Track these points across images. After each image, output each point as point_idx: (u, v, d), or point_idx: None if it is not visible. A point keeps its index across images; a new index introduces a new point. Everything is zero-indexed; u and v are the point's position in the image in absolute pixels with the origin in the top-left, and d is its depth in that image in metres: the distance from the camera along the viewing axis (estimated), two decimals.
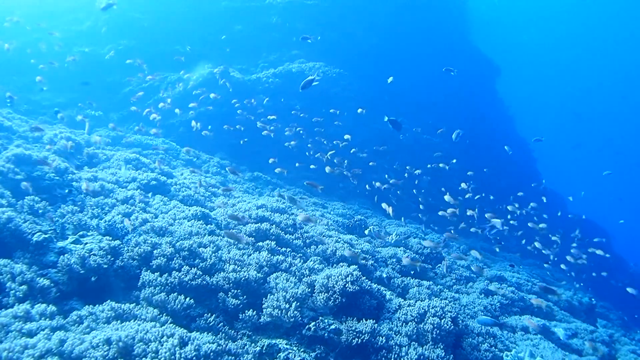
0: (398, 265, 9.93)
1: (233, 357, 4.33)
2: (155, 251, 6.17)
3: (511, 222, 14.89)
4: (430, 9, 29.40)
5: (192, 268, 6.03)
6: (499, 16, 51.17)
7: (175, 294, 5.55)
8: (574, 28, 58.60)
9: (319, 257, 8.31)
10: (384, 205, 10.75)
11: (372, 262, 8.99)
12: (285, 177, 19.35)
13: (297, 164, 16.50)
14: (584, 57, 69.10)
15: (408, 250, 10.86)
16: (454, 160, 16.50)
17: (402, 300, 7.28)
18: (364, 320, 5.94)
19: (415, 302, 6.79)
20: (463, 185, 14.63)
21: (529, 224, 13.07)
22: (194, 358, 3.93)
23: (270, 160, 15.74)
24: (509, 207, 13.95)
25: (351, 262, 8.45)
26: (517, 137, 30.87)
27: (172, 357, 3.86)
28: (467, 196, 14.69)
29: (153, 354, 3.86)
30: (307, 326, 5.76)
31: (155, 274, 5.83)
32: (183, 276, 5.85)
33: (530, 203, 15.51)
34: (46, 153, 10.45)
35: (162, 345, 3.97)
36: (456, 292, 10.37)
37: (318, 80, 9.67)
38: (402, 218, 11.52)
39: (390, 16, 27.62)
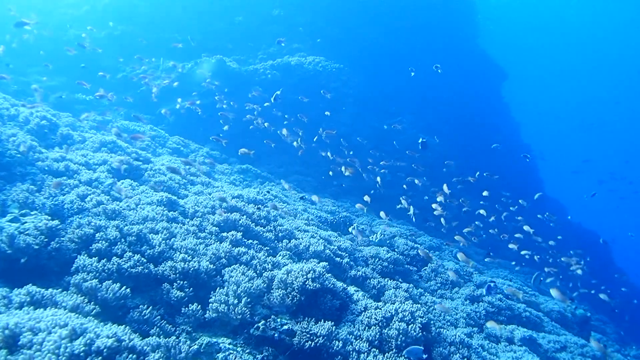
0: (379, 266, 9.35)
1: (136, 356, 3.73)
2: (97, 234, 5.62)
3: (502, 231, 14.28)
4: (437, 9, 28.72)
5: (136, 255, 5.47)
6: (508, 19, 50.37)
7: (110, 281, 4.98)
8: (585, 34, 57.66)
9: (289, 252, 7.75)
10: (365, 197, 10.19)
11: (348, 260, 8.39)
12: (276, 171, 18.81)
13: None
14: (595, 64, 68.01)
15: (391, 251, 10.24)
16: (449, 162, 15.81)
17: (373, 302, 6.68)
18: (322, 322, 5.36)
19: (384, 304, 6.19)
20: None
21: (525, 228, 12.49)
22: (82, 354, 3.36)
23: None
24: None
25: (324, 259, 7.89)
26: (522, 144, 30.12)
27: (57, 350, 3.30)
28: (461, 200, 14.05)
29: (37, 346, 3.30)
30: (256, 325, 5.18)
31: (93, 259, 5.28)
32: (123, 263, 5.29)
33: (518, 200, 14.92)
34: (15, 130, 9.93)
35: (49, 336, 3.41)
36: (439, 297, 9.77)
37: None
38: (382, 213, 10.88)
39: (394, 14, 26.98)
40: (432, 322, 7.49)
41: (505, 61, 36.09)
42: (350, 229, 11.32)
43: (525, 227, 12.44)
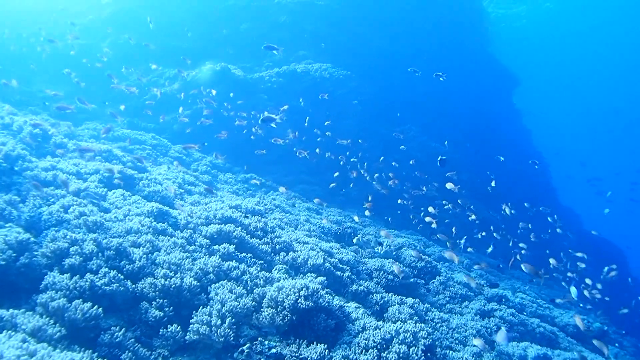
0: (384, 279, 8.83)
1: None
2: (72, 248, 5.19)
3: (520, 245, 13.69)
4: (447, 15, 28.25)
5: (112, 271, 5.03)
6: (520, 27, 49.63)
7: (80, 300, 4.54)
8: (601, 42, 56.69)
9: (285, 266, 7.27)
10: (366, 205, 9.73)
11: (349, 273, 7.88)
12: (282, 180, 18.38)
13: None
14: (611, 74, 66.83)
15: (397, 263, 9.70)
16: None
17: (375, 320, 6.16)
18: (314, 345, 4.87)
19: (384, 324, 5.67)
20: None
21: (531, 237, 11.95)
22: None
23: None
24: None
25: (324, 272, 7.40)
26: (534, 151, 29.43)
27: None
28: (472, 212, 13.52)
29: None
30: (240, 348, 4.71)
31: (64, 275, 4.84)
32: (97, 280, 4.85)
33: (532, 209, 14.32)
34: (5, 139, 9.62)
35: None
36: (448, 312, 9.20)
37: (281, 118, 9.46)
38: (386, 217, 10.37)
39: (403, 21, 26.57)
40: (438, 341, 6.97)
41: (517, 67, 35.43)
42: (354, 240, 10.83)
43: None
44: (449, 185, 11.24)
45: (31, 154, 9.79)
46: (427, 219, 11.90)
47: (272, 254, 7.62)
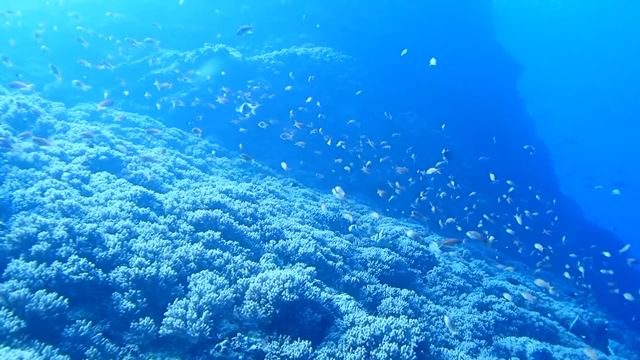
0: (379, 269, 8.48)
1: None
2: (40, 234, 4.84)
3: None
4: (453, 2, 27.62)
5: (82, 258, 4.68)
6: (525, 13, 48.89)
7: (44, 290, 4.19)
8: (607, 31, 55.76)
9: (274, 255, 6.92)
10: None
11: (342, 263, 7.54)
12: (279, 165, 18.01)
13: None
14: (617, 63, 65.78)
15: (393, 252, 9.33)
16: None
17: (365, 315, 5.83)
18: (297, 341, 4.53)
19: (375, 318, 5.32)
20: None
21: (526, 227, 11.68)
22: None
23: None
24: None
25: (315, 262, 7.05)
26: (536, 140, 28.94)
27: None
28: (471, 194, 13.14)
29: None
30: (217, 344, 4.37)
31: (30, 262, 4.50)
32: (65, 268, 4.50)
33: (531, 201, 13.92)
34: None
35: None
36: (445, 304, 8.87)
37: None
38: (386, 207, 10.06)
39: (407, 6, 25.95)
40: (432, 337, 6.64)
41: (522, 55, 34.84)
42: (349, 228, 10.47)
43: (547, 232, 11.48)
44: (431, 170, 11.16)
45: (15, 134, 9.43)
46: (432, 208, 11.59)
47: (261, 242, 7.27)
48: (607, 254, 13.82)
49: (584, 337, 10.35)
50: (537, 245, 11.29)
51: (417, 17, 25.97)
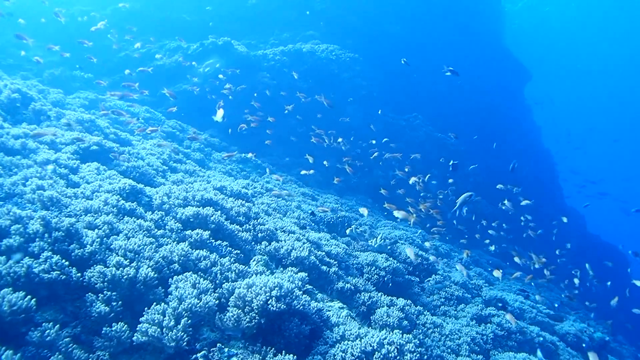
0: (376, 276, 8.16)
1: None
2: (13, 227, 4.53)
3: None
4: (462, 4, 27.21)
5: (56, 255, 4.36)
6: (536, 20, 48.45)
7: (10, 289, 3.88)
8: (617, 38, 55.17)
9: (266, 257, 6.61)
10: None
11: (336, 269, 7.21)
12: (279, 162, 17.70)
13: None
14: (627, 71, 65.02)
15: (391, 259, 9.00)
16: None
17: (357, 327, 5.50)
18: (281, 355, 4.21)
19: (368, 331, 5.00)
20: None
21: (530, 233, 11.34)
22: None
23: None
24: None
25: (308, 267, 6.73)
26: (542, 149, 28.55)
27: None
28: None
29: None
30: (195, 355, 4.05)
31: (0, 258, 4.19)
32: (36, 265, 4.19)
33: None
34: None
35: None
36: (442, 315, 8.55)
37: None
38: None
39: (417, 7, 25.57)
40: (427, 353, 6.32)
41: (531, 61, 34.41)
42: (347, 231, 10.15)
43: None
44: (412, 180, 11.09)
45: (6, 120, 9.15)
46: (422, 206, 11.23)
47: (253, 243, 6.95)
48: (609, 264, 13.52)
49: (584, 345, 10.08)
50: (536, 259, 10.95)
51: (425, 18, 25.60)
